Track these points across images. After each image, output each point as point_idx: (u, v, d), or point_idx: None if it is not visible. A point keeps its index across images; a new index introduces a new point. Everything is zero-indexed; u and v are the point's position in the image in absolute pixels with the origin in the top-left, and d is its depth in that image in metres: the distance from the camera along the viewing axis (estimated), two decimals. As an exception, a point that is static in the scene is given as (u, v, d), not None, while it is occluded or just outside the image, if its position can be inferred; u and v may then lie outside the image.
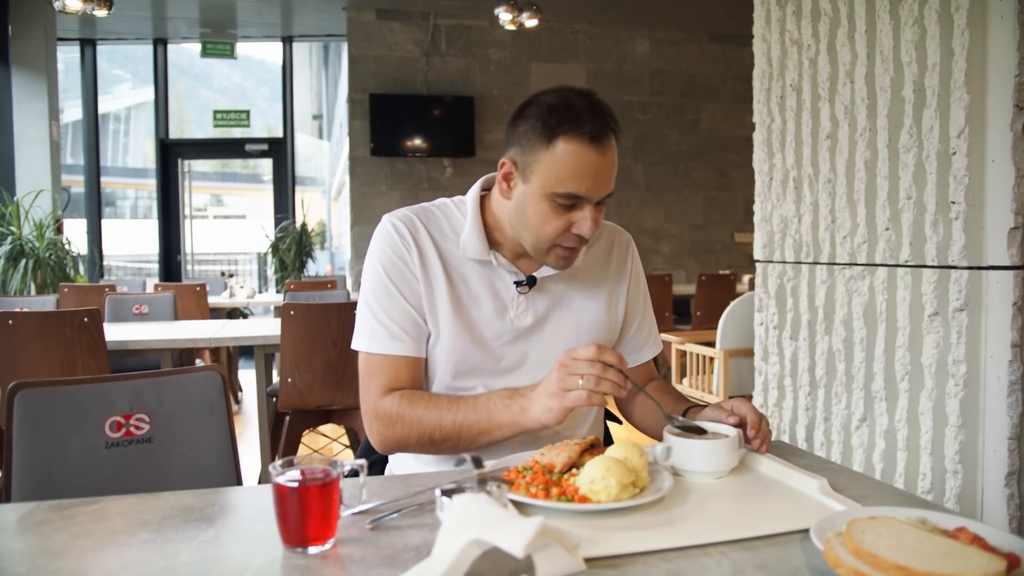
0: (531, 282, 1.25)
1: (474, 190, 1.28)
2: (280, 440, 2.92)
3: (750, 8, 2.42)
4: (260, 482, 3.08)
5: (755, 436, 1.11)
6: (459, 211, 1.28)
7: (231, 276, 6.32)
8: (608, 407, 1.39)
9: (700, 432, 1.11)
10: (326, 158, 10.80)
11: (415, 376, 1.23)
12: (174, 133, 7.93)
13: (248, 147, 7.76)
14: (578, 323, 1.28)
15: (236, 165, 11.24)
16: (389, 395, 1.19)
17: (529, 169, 1.14)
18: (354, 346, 1.24)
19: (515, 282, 1.25)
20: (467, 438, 1.15)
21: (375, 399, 1.20)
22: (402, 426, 1.17)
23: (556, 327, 1.26)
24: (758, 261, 2.40)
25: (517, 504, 0.89)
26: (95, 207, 7.49)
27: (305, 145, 9.89)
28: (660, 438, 1.11)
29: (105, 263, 7.64)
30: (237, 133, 7.67)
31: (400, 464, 1.32)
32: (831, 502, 0.95)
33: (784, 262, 2.27)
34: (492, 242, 1.25)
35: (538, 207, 1.15)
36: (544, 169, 1.12)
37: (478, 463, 0.86)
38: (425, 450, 1.20)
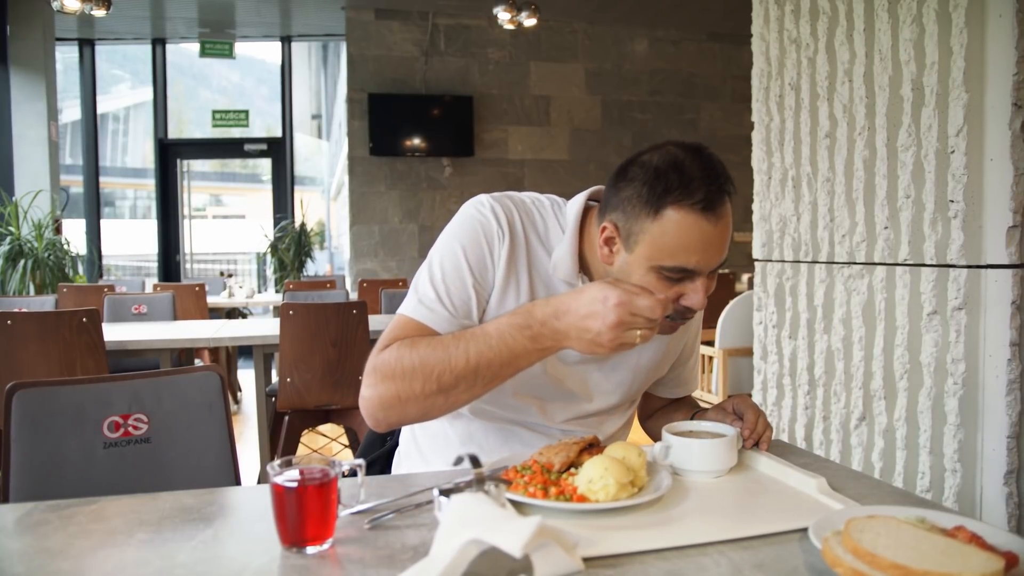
0: None
1: (578, 202, 1.16)
2: (279, 440, 2.93)
3: (748, 7, 2.42)
4: (259, 482, 3.08)
5: (748, 436, 1.12)
6: (557, 219, 1.18)
7: (230, 276, 6.32)
8: None
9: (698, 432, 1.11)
10: (325, 158, 10.78)
11: None
12: (173, 133, 7.92)
13: (247, 147, 7.76)
14: (638, 360, 1.23)
15: (235, 165, 11.22)
16: (389, 347, 1.06)
17: (633, 239, 1.03)
18: (399, 311, 1.13)
19: None
20: (486, 376, 1.00)
21: (376, 353, 1.06)
22: (402, 376, 1.01)
23: (619, 359, 1.21)
24: (757, 260, 2.39)
25: (515, 504, 0.89)
26: (94, 207, 7.48)
27: (304, 145, 9.87)
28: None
29: (104, 263, 7.64)
30: (236, 133, 7.66)
31: (408, 459, 1.31)
32: (830, 501, 0.95)
33: (783, 261, 2.27)
34: (582, 263, 1.15)
35: (644, 279, 1.03)
36: (650, 241, 1.01)
37: (476, 462, 0.86)
38: (431, 403, 1.02)
